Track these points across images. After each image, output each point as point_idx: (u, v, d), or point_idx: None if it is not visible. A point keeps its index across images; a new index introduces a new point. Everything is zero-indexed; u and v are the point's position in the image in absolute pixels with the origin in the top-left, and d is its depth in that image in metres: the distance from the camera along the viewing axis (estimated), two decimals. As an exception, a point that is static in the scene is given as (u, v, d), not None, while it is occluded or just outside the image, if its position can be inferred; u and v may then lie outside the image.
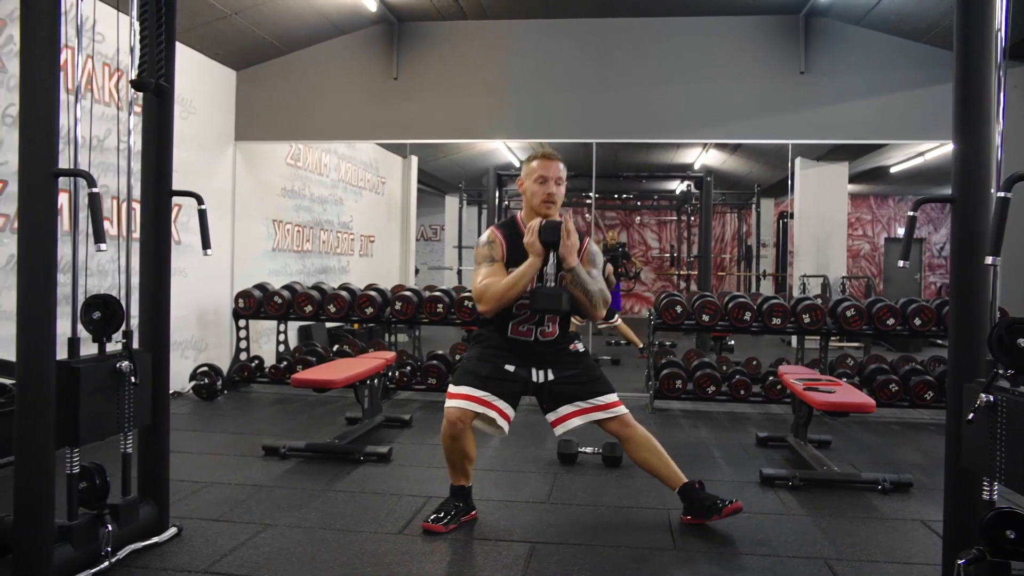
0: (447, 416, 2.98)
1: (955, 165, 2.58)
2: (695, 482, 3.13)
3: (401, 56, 6.47)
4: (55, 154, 2.28)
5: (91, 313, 2.58)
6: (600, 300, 3.05)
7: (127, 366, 2.58)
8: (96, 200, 2.27)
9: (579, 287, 2.99)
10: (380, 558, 2.72)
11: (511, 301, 3.00)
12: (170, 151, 2.83)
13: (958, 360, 2.54)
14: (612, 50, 6.33)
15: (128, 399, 2.63)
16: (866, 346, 8.56)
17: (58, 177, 2.29)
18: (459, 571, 2.65)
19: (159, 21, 2.57)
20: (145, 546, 2.74)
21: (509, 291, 2.96)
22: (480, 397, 2.99)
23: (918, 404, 5.46)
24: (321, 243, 8.43)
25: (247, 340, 6.24)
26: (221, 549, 2.77)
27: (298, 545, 2.83)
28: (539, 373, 3.11)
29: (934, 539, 3.03)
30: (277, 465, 3.95)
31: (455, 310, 5.87)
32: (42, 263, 2.28)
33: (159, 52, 2.59)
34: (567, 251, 2.95)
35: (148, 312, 2.84)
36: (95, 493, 2.59)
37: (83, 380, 2.42)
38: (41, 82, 2.25)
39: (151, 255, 2.83)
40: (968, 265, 2.52)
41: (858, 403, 3.67)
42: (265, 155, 7.11)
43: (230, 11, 5.55)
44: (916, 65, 5.96)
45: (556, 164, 3.08)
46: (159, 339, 2.85)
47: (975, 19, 2.52)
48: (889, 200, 15.48)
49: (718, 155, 11.69)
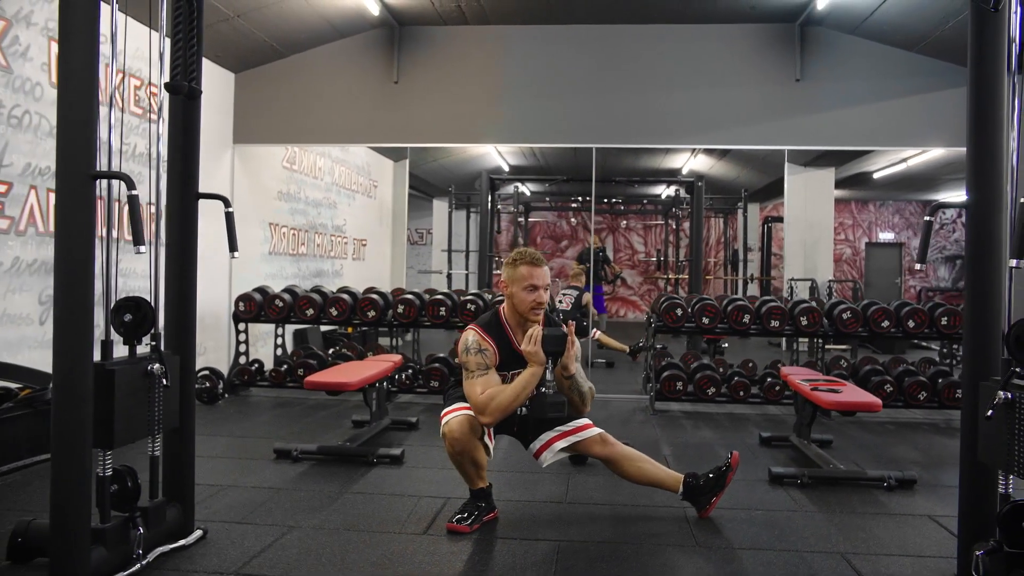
0: (448, 433, 3.02)
1: (969, 171, 2.66)
2: (688, 477, 3.22)
3: (402, 60, 6.51)
4: (94, 156, 2.30)
5: (122, 315, 2.59)
6: (590, 398, 3.18)
7: (159, 368, 2.60)
8: (135, 203, 2.29)
9: (576, 391, 3.10)
10: (409, 558, 2.76)
11: (514, 410, 3.05)
12: (197, 154, 2.86)
13: (974, 359, 2.63)
14: (612, 56, 6.41)
15: (159, 401, 2.64)
16: (853, 348, 8.69)
17: (96, 180, 2.30)
18: (490, 570, 2.68)
19: (191, 25, 2.59)
20: (172, 549, 2.75)
21: (513, 403, 2.99)
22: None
23: (912, 404, 5.57)
24: (316, 246, 8.43)
25: (247, 344, 6.24)
26: (249, 551, 2.79)
27: (325, 547, 2.85)
28: (520, 408, 3.14)
29: (944, 533, 3.11)
30: (290, 468, 3.97)
31: (457, 313, 5.90)
32: (80, 265, 2.29)
33: (191, 56, 2.61)
34: (570, 360, 3.03)
35: (175, 314, 2.85)
36: (126, 495, 2.60)
37: (118, 382, 2.43)
38: (80, 83, 2.27)
39: (178, 258, 2.85)
40: (983, 267, 2.61)
41: (866, 402, 3.76)
42: (262, 158, 7.11)
43: (232, 13, 5.56)
44: (909, 74, 6.10)
45: (543, 270, 3.11)
46: (186, 341, 2.87)
47: (989, 30, 2.61)
48: (870, 205, 15.71)
49: (706, 160, 11.82)
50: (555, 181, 11.50)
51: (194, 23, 2.63)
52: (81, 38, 2.26)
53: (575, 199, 14.95)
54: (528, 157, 12.38)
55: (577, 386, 3.10)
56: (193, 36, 2.63)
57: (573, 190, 14.04)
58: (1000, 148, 2.59)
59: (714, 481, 3.21)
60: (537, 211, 15.41)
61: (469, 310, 5.83)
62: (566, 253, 15.31)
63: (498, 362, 3.09)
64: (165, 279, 2.83)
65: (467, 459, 3.05)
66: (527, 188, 14.86)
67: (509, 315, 3.17)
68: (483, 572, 2.66)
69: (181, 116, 2.78)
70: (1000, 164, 2.59)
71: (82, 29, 2.27)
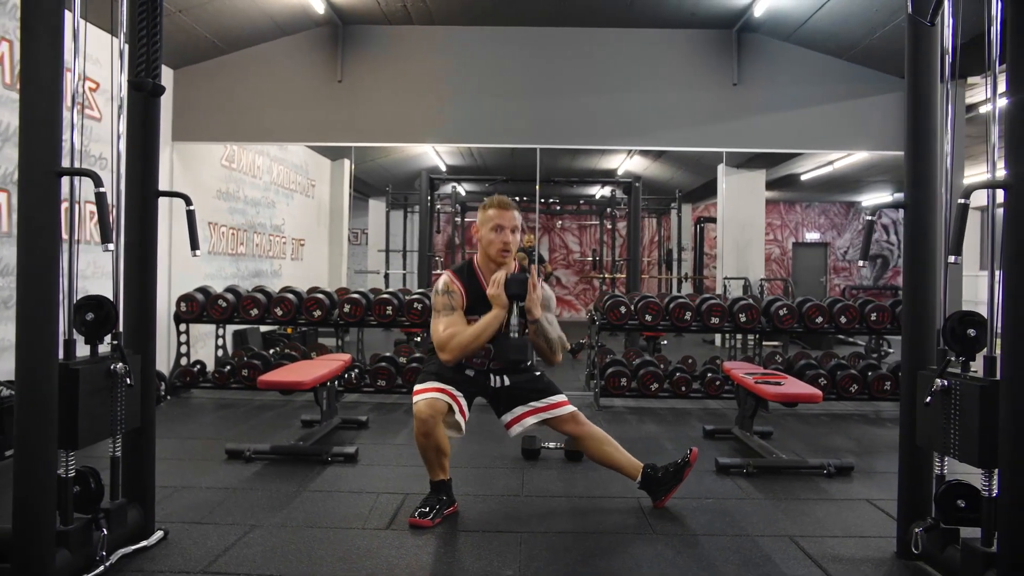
0: (417, 414, 3.05)
1: (907, 174, 2.84)
2: (647, 467, 3.33)
3: (346, 59, 6.48)
4: (59, 152, 2.27)
5: (84, 314, 2.55)
6: (559, 346, 3.19)
7: (122, 367, 2.57)
8: (103, 200, 2.27)
9: (542, 336, 3.14)
10: (376, 552, 2.79)
11: (475, 352, 3.11)
12: (157, 152, 2.83)
13: (912, 350, 2.80)
14: (556, 58, 6.52)
15: (121, 401, 2.61)
16: (785, 344, 9.00)
17: (61, 176, 2.27)
18: (457, 562, 2.73)
19: (154, 22, 2.57)
20: (135, 550, 2.72)
21: (473, 342, 3.05)
22: (445, 389, 3.11)
23: (844, 397, 5.83)
24: (255, 246, 8.31)
25: (188, 345, 6.12)
26: (213, 550, 2.77)
27: (290, 543, 2.86)
28: (496, 379, 3.25)
29: (881, 515, 3.30)
30: (243, 468, 3.93)
31: (404, 312, 5.92)
32: (44, 264, 2.25)
33: (154, 53, 2.59)
34: (533, 304, 3.06)
35: (135, 314, 2.81)
36: (89, 497, 2.56)
37: (82, 382, 2.40)
38: (43, 78, 2.23)
39: (137, 257, 2.80)
40: (920, 263, 2.79)
41: (808, 394, 3.94)
42: (201, 156, 6.98)
43: (174, 9, 5.45)
44: (839, 80, 6.39)
45: (511, 213, 3.18)
46: (146, 340, 2.84)
47: (925, 42, 2.79)
48: (797, 206, 16.26)
49: (641, 161, 12.06)
50: (495, 181, 11.56)
51: (157, 20, 2.60)
52: (46, 36, 2.22)
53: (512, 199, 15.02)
54: (466, 157, 12.43)
55: (543, 332, 3.12)
56: (156, 33, 2.60)
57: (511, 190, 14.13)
58: (935, 152, 2.77)
59: (672, 475, 3.32)
60: (474, 211, 15.40)
61: (416, 309, 5.86)
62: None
63: (466, 305, 3.15)
64: (125, 278, 2.79)
65: (432, 444, 3.08)
66: (463, 189, 14.90)
67: (481, 262, 3.23)
68: (450, 565, 2.71)
69: (142, 113, 2.75)
70: (935, 167, 2.78)
71: (47, 25, 2.23)
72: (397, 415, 5.45)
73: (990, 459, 2.31)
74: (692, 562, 2.75)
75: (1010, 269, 2.17)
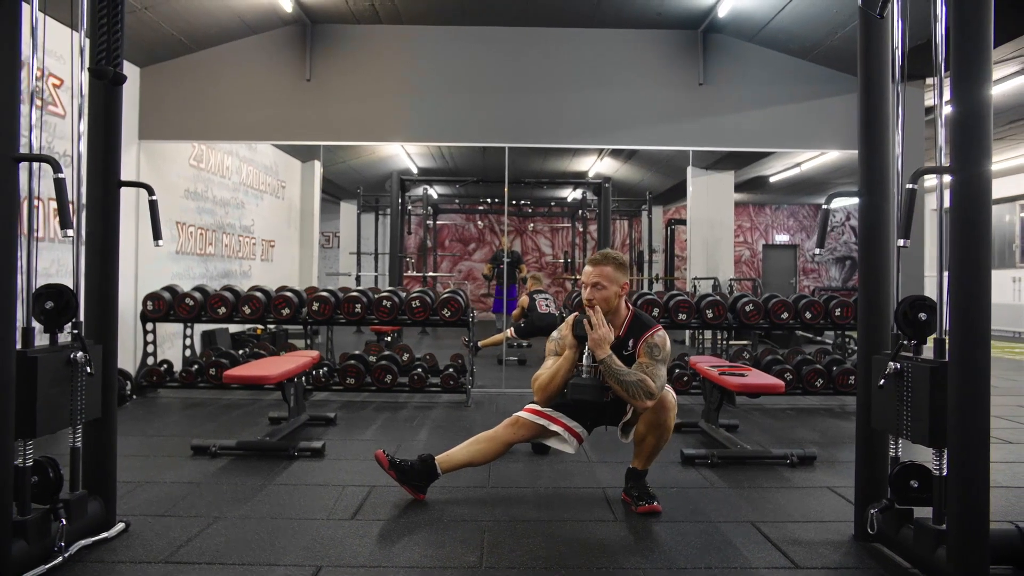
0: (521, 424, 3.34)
1: (861, 167, 2.91)
2: (645, 471, 3.34)
3: (315, 58, 6.48)
4: (16, 139, 2.25)
5: (43, 303, 2.54)
6: (640, 390, 3.09)
7: (82, 356, 2.56)
8: (62, 186, 2.26)
9: (611, 377, 3.11)
10: (340, 541, 2.79)
11: (556, 392, 3.26)
12: (118, 142, 2.82)
13: (868, 335, 2.86)
14: (523, 58, 6.56)
15: (81, 390, 2.59)
16: (754, 343, 9.12)
17: (19, 163, 2.25)
18: (422, 550, 2.74)
19: (115, 9, 2.56)
20: (95, 542, 2.70)
21: (550, 384, 3.25)
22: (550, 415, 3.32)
23: (810, 391, 5.92)
24: (224, 247, 8.25)
25: (155, 344, 6.07)
26: (175, 541, 2.76)
27: (254, 533, 2.85)
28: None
29: (842, 501, 3.36)
30: (209, 463, 3.91)
31: (373, 310, 5.91)
32: (2, 250, 2.24)
33: (115, 41, 2.58)
34: (595, 344, 3.11)
35: (96, 304, 2.79)
36: (47, 487, 2.54)
37: (40, 370, 2.38)
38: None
39: (99, 247, 2.79)
40: (874, 250, 2.85)
41: (770, 384, 4.01)
42: (169, 155, 6.93)
43: (140, 6, 5.42)
44: (802, 80, 6.51)
45: (592, 269, 3.26)
46: (108, 331, 2.82)
47: (876, 37, 2.86)
48: (766, 209, 16.47)
49: (612, 163, 12.15)
50: (466, 182, 11.59)
51: (118, 9, 2.59)
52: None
53: (483, 201, 15.08)
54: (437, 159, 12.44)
55: (613, 374, 3.09)
56: (117, 23, 2.59)
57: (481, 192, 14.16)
58: (887, 141, 2.84)
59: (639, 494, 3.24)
60: (445, 213, 15.43)
61: (384, 307, 5.85)
62: (474, 256, 15.42)
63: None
64: (86, 268, 2.77)
65: (498, 446, 3.31)
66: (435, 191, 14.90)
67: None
68: (413, 552, 2.72)
69: (103, 102, 2.74)
70: (887, 155, 2.84)
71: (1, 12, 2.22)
72: (366, 412, 5.44)
73: (940, 439, 2.37)
74: (653, 546, 2.78)
75: (955, 251, 2.23)
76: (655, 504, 3.18)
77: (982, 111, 2.21)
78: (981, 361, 2.23)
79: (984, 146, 2.21)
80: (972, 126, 2.22)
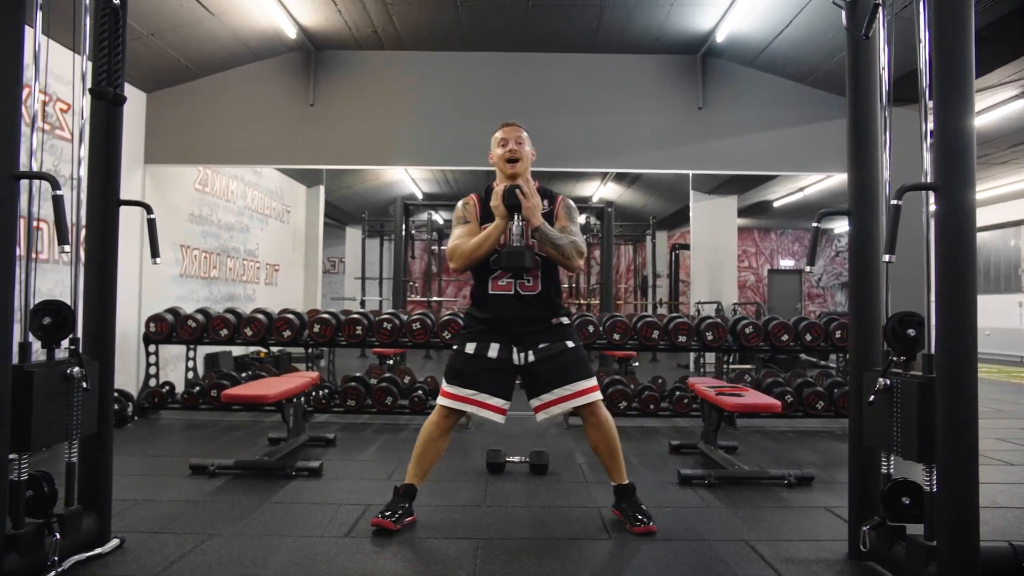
0: (438, 411, 3.24)
1: (850, 186, 2.94)
2: (632, 484, 3.33)
3: (318, 83, 6.58)
4: (16, 157, 2.30)
5: (41, 318, 2.57)
6: (573, 251, 3.19)
7: (79, 372, 2.58)
8: (60, 203, 2.30)
9: (548, 243, 3.16)
10: (332, 558, 2.79)
11: (479, 260, 3.20)
12: (119, 160, 2.87)
13: (858, 351, 2.87)
14: (524, 83, 6.64)
15: (78, 405, 2.62)
16: (757, 367, 9.09)
17: (19, 180, 2.30)
18: (413, 566, 2.75)
19: (116, 31, 2.63)
20: (88, 557, 2.71)
21: (476, 251, 3.18)
22: (470, 397, 3.20)
23: (811, 413, 5.90)
24: (228, 270, 8.31)
25: (157, 366, 6.10)
26: (169, 557, 2.77)
27: (247, 550, 2.86)
28: (520, 355, 3.25)
29: (838, 521, 3.34)
30: (207, 483, 3.92)
31: (374, 332, 5.94)
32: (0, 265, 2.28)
33: (116, 62, 2.64)
34: (529, 212, 3.12)
35: (94, 320, 2.83)
36: (42, 501, 2.56)
37: (36, 384, 2.41)
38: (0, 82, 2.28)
39: (97, 264, 2.83)
40: (864, 266, 2.87)
41: (766, 404, 4.01)
42: (174, 179, 7.01)
43: (147, 32, 5.53)
44: (800, 104, 6.57)
45: (514, 127, 3.34)
46: (105, 347, 2.85)
47: (863, 59, 2.90)
48: (771, 234, 16.48)
49: (615, 188, 12.22)
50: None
51: (119, 30, 2.66)
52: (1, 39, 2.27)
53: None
54: (441, 184, 12.54)
55: (549, 239, 3.14)
56: (118, 45, 2.66)
57: (487, 217, 14.22)
58: (876, 160, 2.86)
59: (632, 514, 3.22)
60: (451, 238, 15.45)
61: (385, 329, 5.88)
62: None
63: (480, 218, 3.29)
64: (85, 285, 2.81)
65: (434, 446, 3.26)
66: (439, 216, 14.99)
67: (499, 182, 3.35)
68: (406, 568, 2.72)
69: (104, 122, 2.79)
70: (876, 174, 2.87)
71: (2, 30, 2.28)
72: (366, 434, 5.45)
73: (929, 454, 2.37)
74: (647, 564, 2.78)
75: (941, 266, 2.25)
76: (651, 525, 3.16)
77: (965, 126, 2.24)
78: (968, 376, 2.24)
79: (967, 161, 2.24)
80: (954, 140, 2.25)
